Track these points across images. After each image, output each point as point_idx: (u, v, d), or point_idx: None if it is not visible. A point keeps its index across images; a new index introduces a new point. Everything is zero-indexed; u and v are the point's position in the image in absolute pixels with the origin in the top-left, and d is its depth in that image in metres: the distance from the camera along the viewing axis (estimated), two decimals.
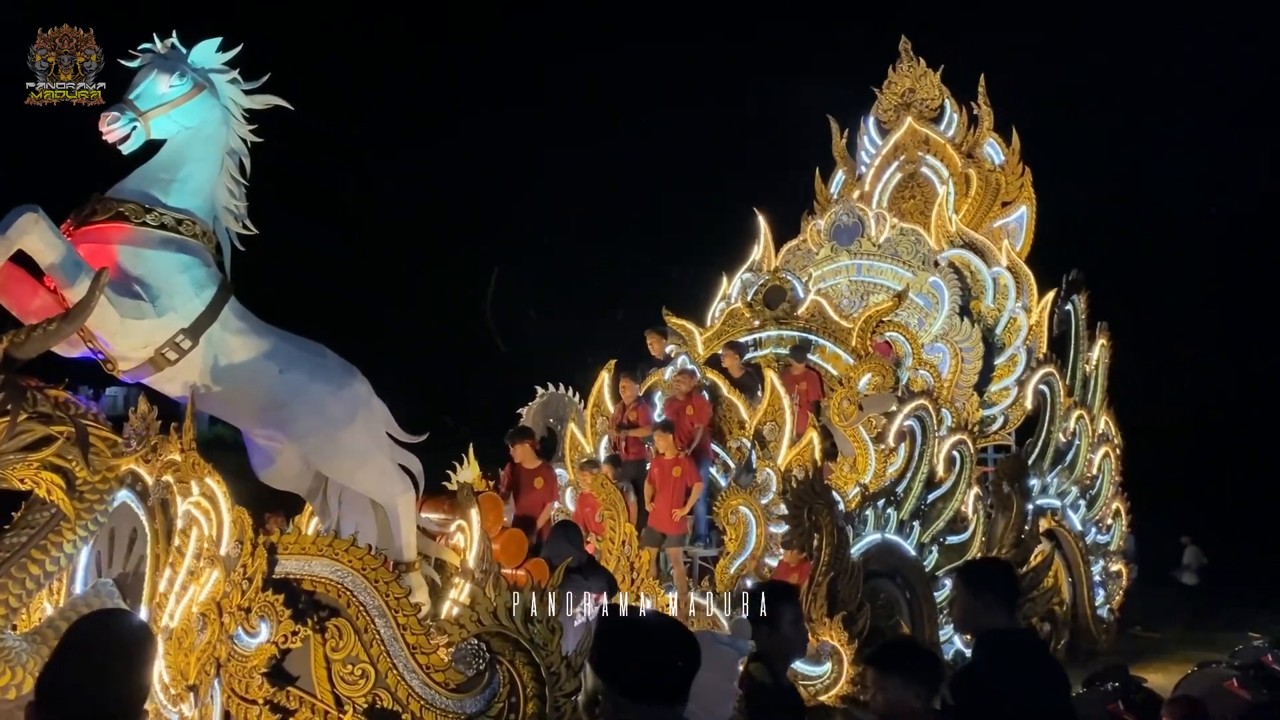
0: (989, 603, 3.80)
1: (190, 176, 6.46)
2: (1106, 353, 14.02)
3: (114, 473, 5.61)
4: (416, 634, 5.02)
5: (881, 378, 10.75)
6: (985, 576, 4.00)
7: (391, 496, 7.13)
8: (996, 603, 3.80)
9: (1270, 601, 18.38)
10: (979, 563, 4.89)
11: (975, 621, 3.84)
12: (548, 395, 12.22)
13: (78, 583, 6.04)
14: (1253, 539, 22.33)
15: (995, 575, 4.03)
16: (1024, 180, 14.42)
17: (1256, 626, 15.12)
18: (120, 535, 6.04)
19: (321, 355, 6.93)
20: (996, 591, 3.85)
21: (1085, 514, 12.96)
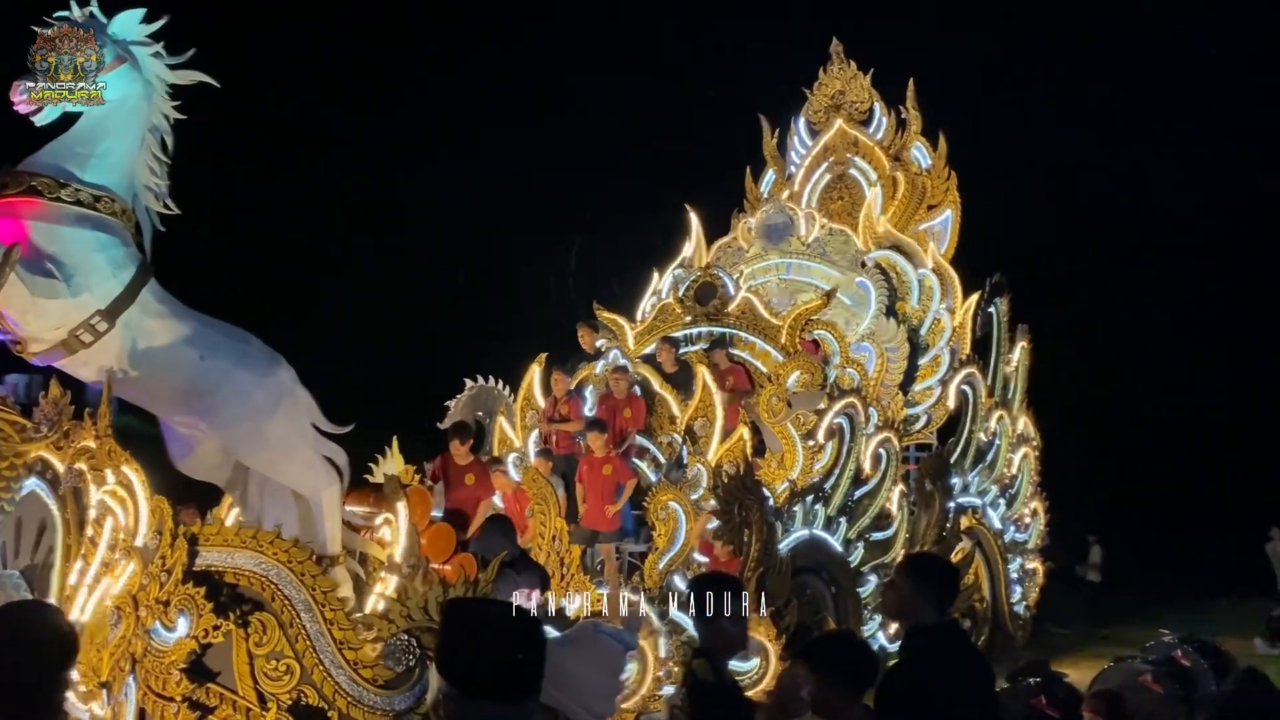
0: (926, 598, 3.81)
1: (109, 152, 6.19)
2: (1026, 355, 14.37)
3: (22, 459, 5.36)
4: (344, 629, 4.88)
5: (810, 375, 10.83)
6: (928, 571, 4.02)
7: (316, 489, 6.92)
8: (933, 598, 3.81)
9: (1170, 598, 19.12)
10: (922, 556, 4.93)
11: (908, 613, 3.84)
12: (477, 388, 12.07)
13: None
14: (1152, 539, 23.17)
15: (937, 571, 4.06)
16: (949, 184, 14.69)
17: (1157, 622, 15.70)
18: (28, 525, 5.77)
19: (245, 342, 6.70)
20: (935, 587, 3.86)
21: (1004, 512, 13.25)
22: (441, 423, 11.95)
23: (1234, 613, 18.02)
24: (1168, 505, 25.87)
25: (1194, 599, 19.39)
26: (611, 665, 3.48)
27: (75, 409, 5.78)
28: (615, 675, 3.41)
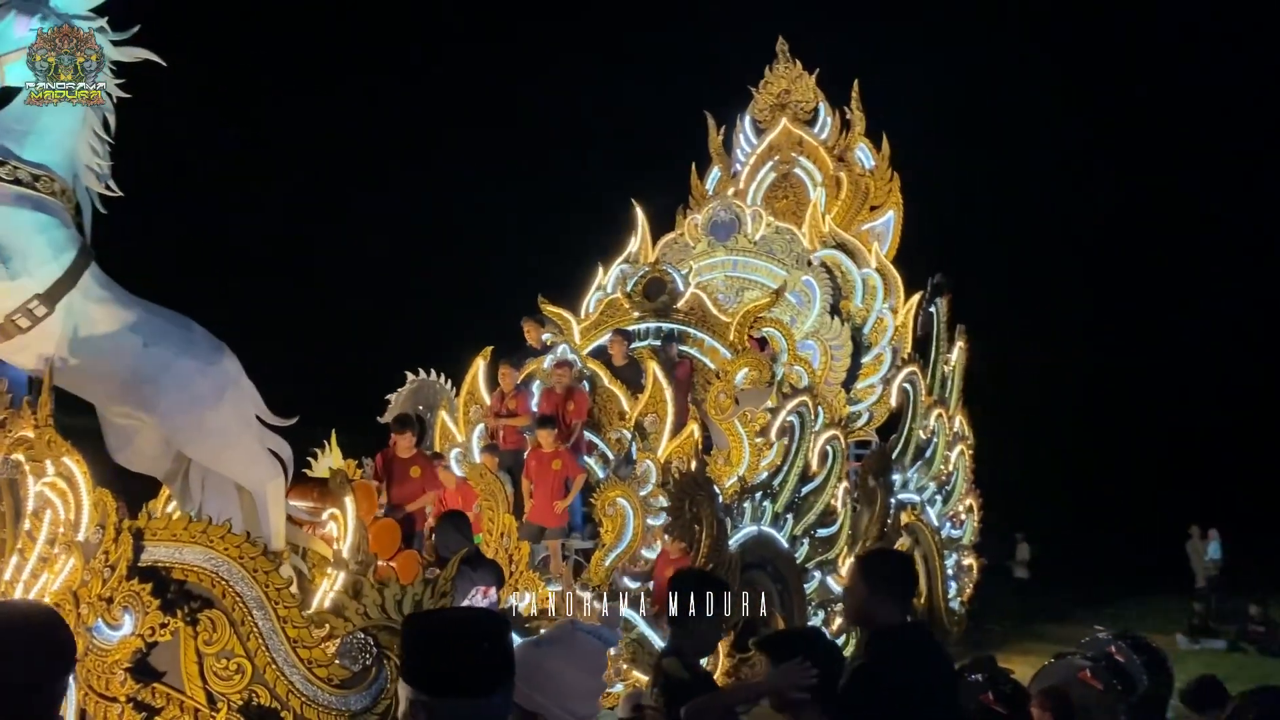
0: (884, 597, 3.74)
1: (49, 129, 5.95)
2: (963, 354, 14.62)
3: None
4: (298, 627, 4.74)
5: (758, 373, 10.87)
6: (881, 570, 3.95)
7: (260, 482, 6.75)
8: (892, 598, 3.75)
9: (1094, 594, 19.63)
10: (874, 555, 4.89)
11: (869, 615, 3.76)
12: (418, 381, 11.86)
13: None
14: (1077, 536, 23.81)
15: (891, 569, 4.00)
16: (892, 185, 14.86)
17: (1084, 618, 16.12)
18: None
19: (188, 329, 6.50)
20: (891, 586, 3.81)
21: (941, 509, 13.47)
22: (382, 416, 11.73)
23: (1155, 609, 18.58)
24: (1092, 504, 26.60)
25: (1117, 596, 19.93)
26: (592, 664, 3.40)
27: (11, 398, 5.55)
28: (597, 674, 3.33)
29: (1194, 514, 21.14)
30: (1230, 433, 25.56)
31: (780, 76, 15.79)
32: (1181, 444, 26.00)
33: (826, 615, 10.51)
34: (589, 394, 10.75)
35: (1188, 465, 25.55)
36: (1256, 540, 21.19)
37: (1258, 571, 19.10)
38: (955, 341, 14.53)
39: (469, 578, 5.22)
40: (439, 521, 5.86)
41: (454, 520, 5.70)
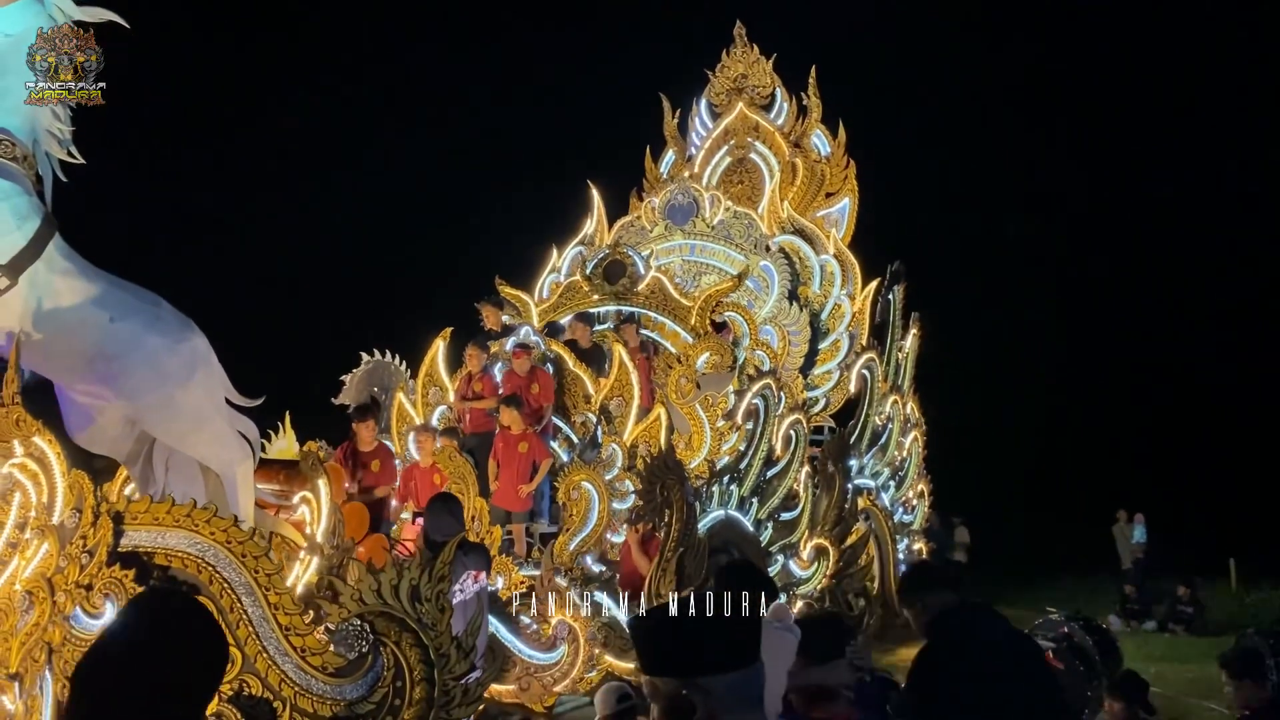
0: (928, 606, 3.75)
1: (8, 91, 5.65)
2: (916, 341, 14.79)
3: None
4: (290, 613, 4.56)
5: (720, 357, 10.84)
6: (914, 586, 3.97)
7: (229, 464, 6.52)
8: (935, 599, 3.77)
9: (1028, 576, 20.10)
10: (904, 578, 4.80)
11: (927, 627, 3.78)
12: (373, 363, 11.58)
13: None
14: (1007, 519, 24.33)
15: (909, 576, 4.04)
16: (848, 173, 14.93)
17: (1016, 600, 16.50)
18: None
19: (156, 305, 6.24)
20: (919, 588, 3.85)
21: (894, 494, 13.62)
22: (335, 398, 11.46)
23: (1085, 591, 19.08)
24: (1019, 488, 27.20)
25: (1048, 578, 20.41)
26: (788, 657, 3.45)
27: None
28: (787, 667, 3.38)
29: (1119, 499, 21.71)
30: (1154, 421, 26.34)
31: (737, 60, 15.75)
32: (1107, 431, 26.73)
33: (788, 598, 10.54)
34: (553, 377, 10.62)
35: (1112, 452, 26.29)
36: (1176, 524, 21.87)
37: (1179, 555, 19.71)
38: (910, 329, 14.70)
39: (460, 562, 5.09)
40: (430, 504, 5.71)
41: (446, 503, 5.55)
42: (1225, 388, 25.55)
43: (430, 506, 5.59)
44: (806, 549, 10.74)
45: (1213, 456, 24.52)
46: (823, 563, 10.88)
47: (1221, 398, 25.35)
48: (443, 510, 5.46)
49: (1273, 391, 24.69)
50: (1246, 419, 25.23)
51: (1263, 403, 24.90)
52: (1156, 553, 20.54)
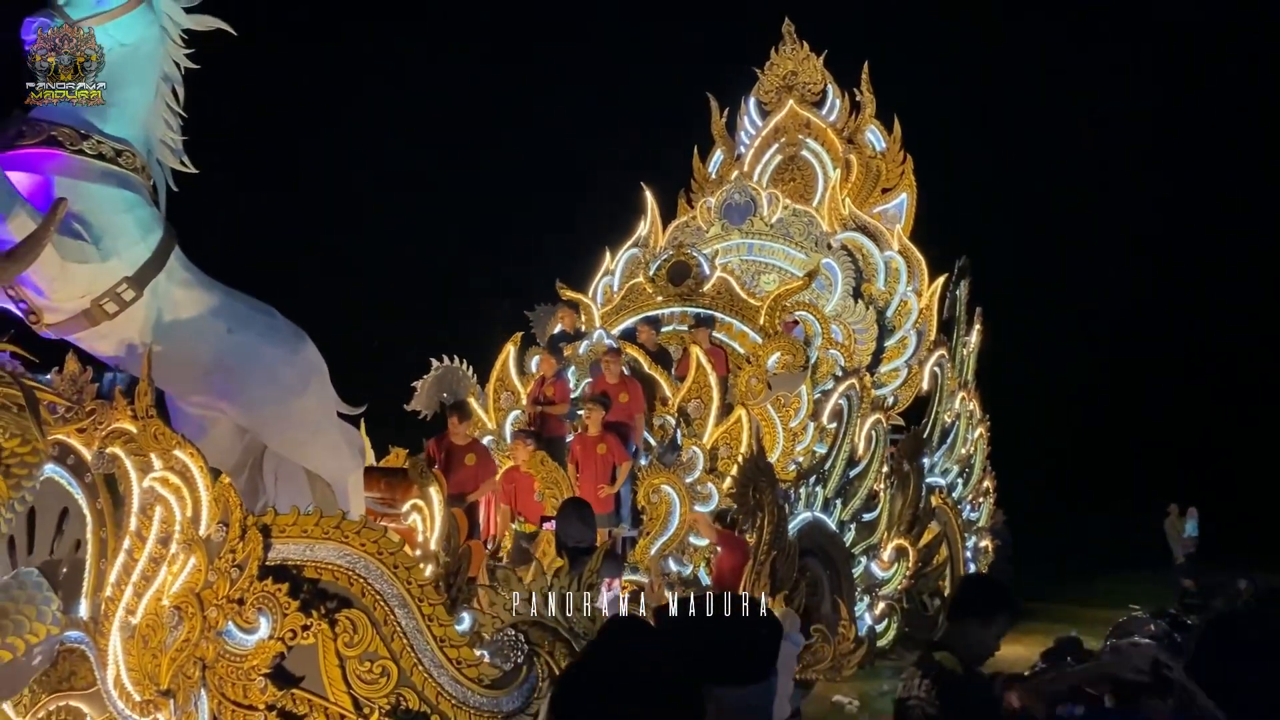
0: None
1: (127, 102, 5.62)
2: (980, 337, 14.64)
3: (42, 442, 4.77)
4: (444, 624, 4.49)
5: (792, 356, 10.73)
6: None
7: (341, 472, 6.51)
8: None
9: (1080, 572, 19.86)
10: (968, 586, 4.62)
11: None
12: (443, 368, 11.54)
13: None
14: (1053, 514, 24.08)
15: None
16: (905, 167, 14.79)
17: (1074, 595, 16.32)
18: (44, 517, 5.17)
19: (270, 316, 6.23)
20: None
21: (961, 491, 13.48)
22: (408, 404, 11.43)
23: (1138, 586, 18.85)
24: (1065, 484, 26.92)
25: (1098, 574, 20.16)
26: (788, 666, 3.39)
27: None
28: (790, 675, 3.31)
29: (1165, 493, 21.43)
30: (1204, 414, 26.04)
31: (787, 58, 15.61)
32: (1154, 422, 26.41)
33: (871, 601, 10.45)
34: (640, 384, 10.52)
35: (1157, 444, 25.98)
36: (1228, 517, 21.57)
37: (1231, 548, 19.43)
38: (974, 324, 14.55)
39: None
40: (561, 509, 5.63)
41: (577, 508, 5.47)
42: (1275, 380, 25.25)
43: (561, 512, 5.52)
44: (887, 550, 10.63)
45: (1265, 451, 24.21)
46: (902, 563, 10.76)
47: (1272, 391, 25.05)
48: (574, 516, 5.38)
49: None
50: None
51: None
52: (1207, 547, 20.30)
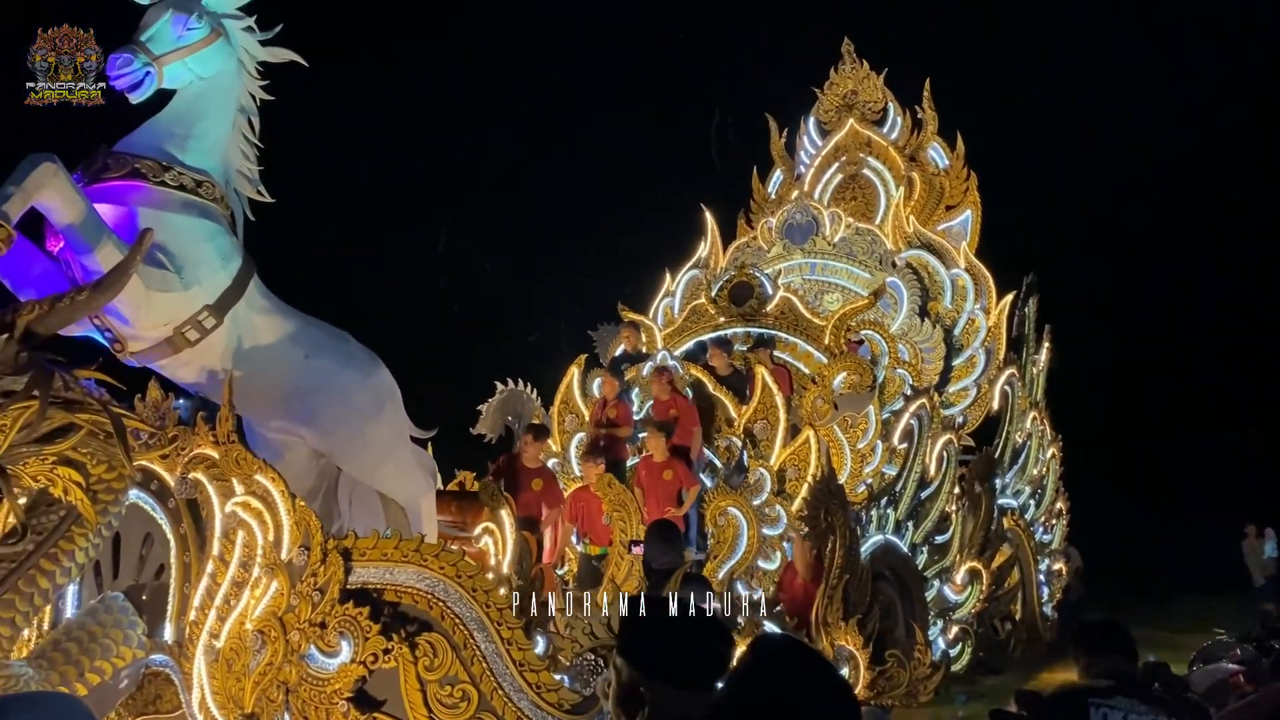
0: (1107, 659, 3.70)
1: (206, 133, 5.74)
2: (1049, 355, 14.36)
3: (128, 469, 4.85)
4: (524, 648, 4.47)
5: (859, 377, 10.59)
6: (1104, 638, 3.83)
7: (415, 496, 6.55)
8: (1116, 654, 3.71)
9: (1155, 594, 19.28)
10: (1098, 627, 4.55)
11: None
12: (507, 392, 11.59)
13: (67, 597, 5.24)
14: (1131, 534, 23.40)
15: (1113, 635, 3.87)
16: (969, 184, 14.60)
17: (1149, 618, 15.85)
18: (129, 541, 5.26)
19: (345, 341, 6.31)
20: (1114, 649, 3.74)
21: (1034, 513, 13.19)
22: (473, 427, 11.50)
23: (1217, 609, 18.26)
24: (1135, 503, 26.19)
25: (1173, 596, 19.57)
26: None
27: None
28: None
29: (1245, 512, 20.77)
30: None
31: (846, 77, 15.55)
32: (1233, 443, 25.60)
33: (944, 624, 10.23)
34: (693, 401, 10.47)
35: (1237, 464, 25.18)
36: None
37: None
38: (1044, 342, 14.28)
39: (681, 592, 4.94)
40: (648, 532, 5.60)
41: (663, 531, 5.43)
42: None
43: (648, 535, 5.49)
44: (960, 573, 10.41)
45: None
46: (976, 586, 10.53)
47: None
48: (659, 538, 5.34)
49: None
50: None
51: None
52: None
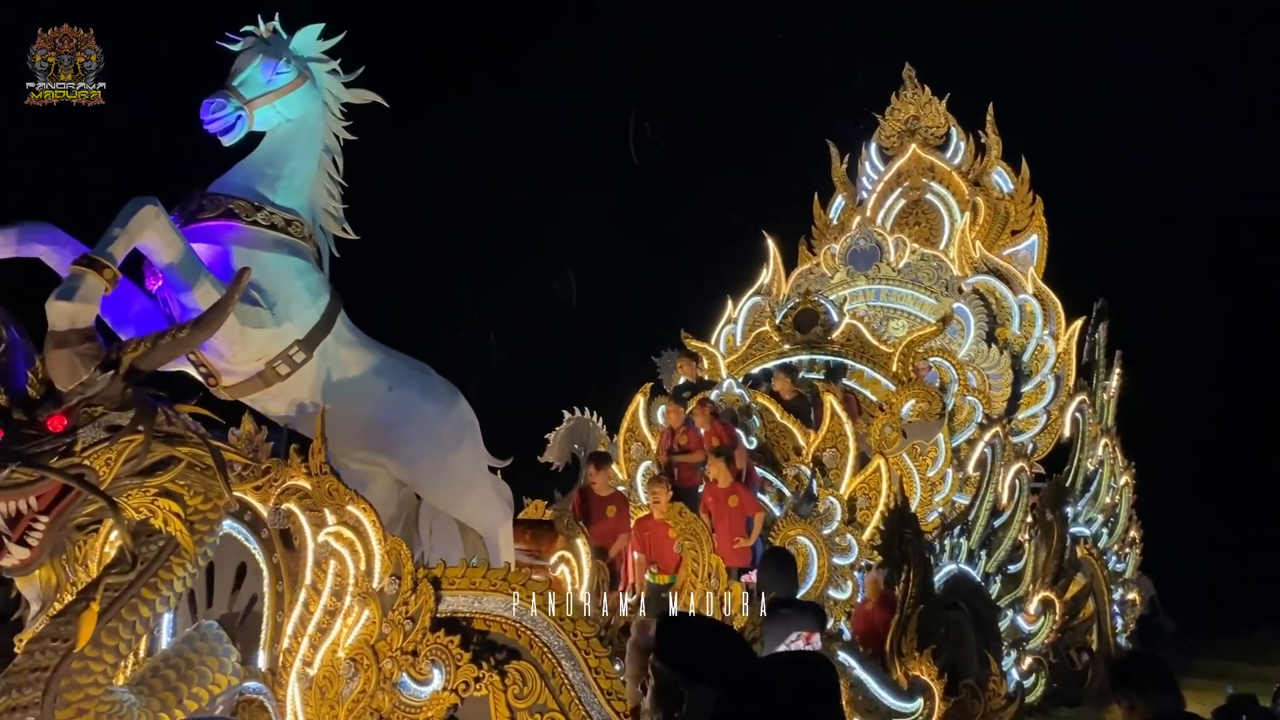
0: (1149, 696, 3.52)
1: (294, 174, 5.94)
2: (1120, 382, 14.13)
3: (223, 500, 4.99)
4: (611, 677, 4.51)
5: (928, 404, 10.52)
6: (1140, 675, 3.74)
7: (493, 525, 6.64)
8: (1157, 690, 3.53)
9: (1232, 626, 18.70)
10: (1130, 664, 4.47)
11: None
12: (574, 420, 11.73)
13: (162, 625, 5.39)
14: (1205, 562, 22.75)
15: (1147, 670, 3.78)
16: (1034, 209, 14.47)
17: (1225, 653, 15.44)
18: (222, 570, 5.41)
19: (426, 373, 6.44)
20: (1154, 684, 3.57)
21: (1106, 541, 12.95)
22: (541, 456, 11.63)
23: None
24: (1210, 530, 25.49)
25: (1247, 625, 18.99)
26: None
27: None
28: None
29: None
30: None
31: (908, 103, 15.54)
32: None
33: (1018, 656, 10.07)
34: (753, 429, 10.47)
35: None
36: None
37: None
38: (1114, 368, 14.06)
39: (785, 620, 4.94)
40: (762, 560, 5.64)
41: (778, 559, 5.46)
42: None
43: (762, 562, 5.53)
44: (1033, 603, 10.26)
45: None
46: (1049, 616, 10.36)
47: None
48: (775, 566, 5.37)
49: None
50: None
51: None
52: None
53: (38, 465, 4.27)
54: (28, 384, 4.47)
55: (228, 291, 4.72)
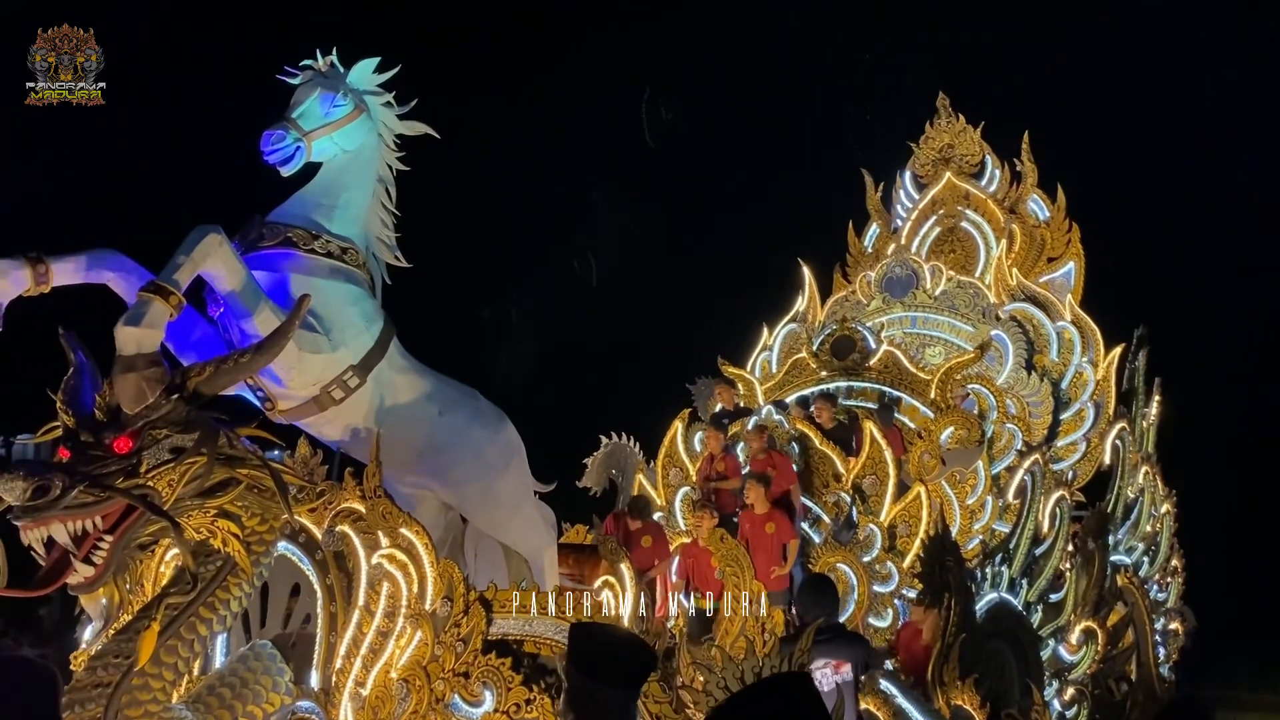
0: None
1: (350, 203, 6.09)
2: (1160, 409, 14.02)
3: (279, 521, 5.10)
4: (660, 701, 4.55)
5: (967, 431, 10.52)
6: None
7: (538, 549, 6.72)
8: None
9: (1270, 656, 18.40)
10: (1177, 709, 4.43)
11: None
12: (612, 445, 11.80)
13: (216, 644, 5.49)
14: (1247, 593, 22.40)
15: None
16: (1071, 236, 14.43)
17: None
18: (277, 591, 5.52)
19: (475, 398, 6.54)
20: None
21: (1147, 570, 12.81)
22: (579, 481, 11.70)
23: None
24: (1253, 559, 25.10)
25: None
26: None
27: None
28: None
29: None
30: None
31: (943, 131, 15.56)
32: None
33: (1060, 686, 9.96)
34: (791, 455, 10.51)
35: None
36: None
37: None
38: (1154, 395, 13.96)
39: (819, 649, 4.98)
40: (801, 586, 5.70)
41: (817, 585, 5.50)
42: None
43: (802, 588, 5.58)
44: (1075, 632, 10.15)
45: None
46: (1091, 646, 10.24)
47: None
48: (814, 590, 5.42)
49: None
50: None
51: None
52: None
53: (104, 486, 4.40)
54: (95, 407, 4.61)
55: (288, 318, 4.85)
